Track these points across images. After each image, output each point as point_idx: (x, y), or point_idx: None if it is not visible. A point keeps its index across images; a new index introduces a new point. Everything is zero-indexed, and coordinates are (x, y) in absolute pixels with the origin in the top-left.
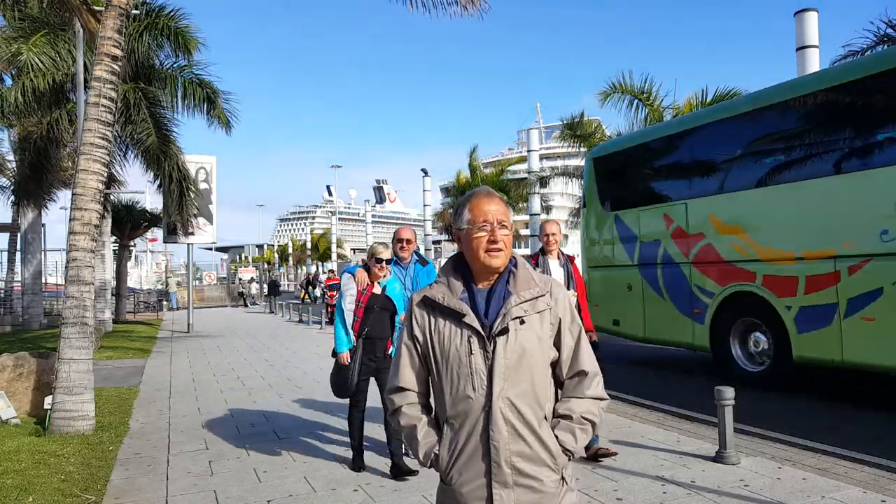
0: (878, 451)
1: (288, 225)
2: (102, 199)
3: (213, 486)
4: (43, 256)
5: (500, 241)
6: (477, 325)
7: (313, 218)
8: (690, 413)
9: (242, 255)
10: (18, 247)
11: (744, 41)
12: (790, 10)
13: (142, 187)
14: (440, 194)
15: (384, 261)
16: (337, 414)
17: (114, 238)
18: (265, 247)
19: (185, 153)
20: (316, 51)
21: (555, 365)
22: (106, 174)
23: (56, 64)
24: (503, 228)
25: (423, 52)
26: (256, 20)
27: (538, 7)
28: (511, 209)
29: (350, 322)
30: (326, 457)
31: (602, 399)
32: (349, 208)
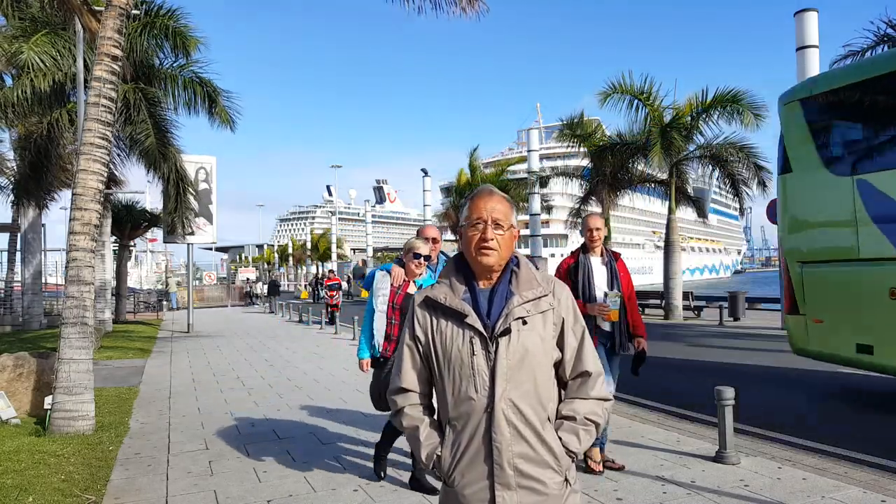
0: (878, 451)
1: (288, 225)
2: (102, 199)
3: (213, 486)
4: (43, 256)
5: (491, 240)
6: (479, 326)
7: (313, 218)
8: (690, 413)
9: (242, 255)
10: (18, 247)
11: (744, 41)
12: (790, 9)
13: (142, 187)
14: (440, 194)
15: (422, 256)
16: (337, 414)
17: (114, 238)
18: (265, 247)
19: (185, 153)
20: (316, 51)
21: (558, 365)
22: (106, 174)
23: (57, 63)
24: (498, 228)
25: (424, 52)
26: (257, 20)
27: (538, 7)
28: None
29: (382, 325)
30: (326, 457)
31: (606, 400)
32: (349, 208)
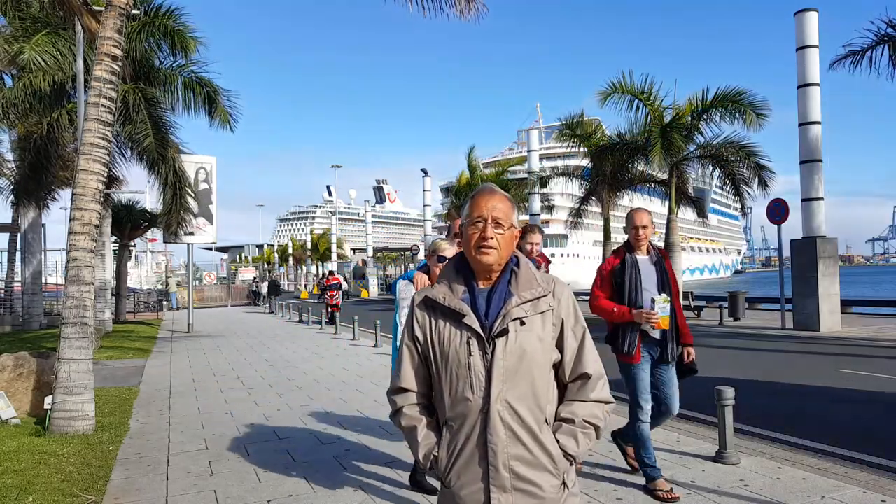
0: (878, 451)
1: (288, 225)
2: (102, 199)
3: (213, 486)
4: (43, 256)
5: (490, 239)
6: (476, 326)
7: (313, 218)
8: (690, 413)
9: (242, 255)
10: (18, 247)
11: (744, 41)
12: (790, 9)
13: (142, 187)
14: (440, 194)
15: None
16: (337, 414)
17: (114, 238)
18: (265, 247)
19: (185, 152)
20: (316, 51)
21: (557, 367)
22: (106, 174)
23: (58, 63)
24: (498, 227)
25: (424, 52)
26: (257, 20)
27: (539, 7)
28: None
29: None
30: (326, 457)
31: (607, 402)
32: (349, 208)
